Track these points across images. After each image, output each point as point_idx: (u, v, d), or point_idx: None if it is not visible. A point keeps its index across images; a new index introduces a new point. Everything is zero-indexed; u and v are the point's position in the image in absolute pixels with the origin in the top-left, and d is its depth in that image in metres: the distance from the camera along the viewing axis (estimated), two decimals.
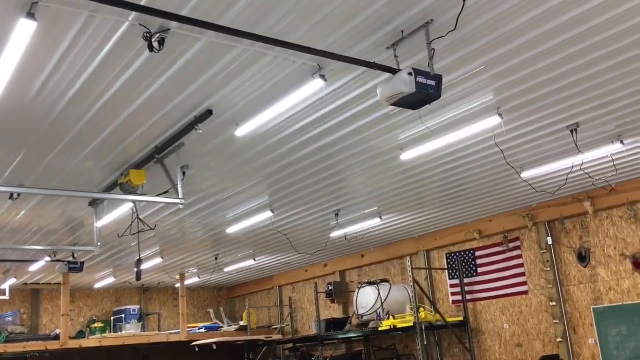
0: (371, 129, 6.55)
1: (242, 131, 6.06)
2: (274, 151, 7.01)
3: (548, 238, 10.62)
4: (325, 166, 7.77)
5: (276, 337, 14.29)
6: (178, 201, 6.42)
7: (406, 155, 7.29)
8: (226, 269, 15.19)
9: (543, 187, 9.06)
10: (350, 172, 8.11)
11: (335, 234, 11.67)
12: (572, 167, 8.01)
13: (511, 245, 11.33)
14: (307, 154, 7.23)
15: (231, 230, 10.58)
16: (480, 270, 11.89)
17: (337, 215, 10.25)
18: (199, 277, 16.13)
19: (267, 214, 9.63)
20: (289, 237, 11.20)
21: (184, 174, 7.24)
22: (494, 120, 6.28)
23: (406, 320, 11.10)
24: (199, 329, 16.49)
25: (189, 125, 5.87)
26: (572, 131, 6.88)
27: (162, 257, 12.86)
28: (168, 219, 9.81)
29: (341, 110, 6.03)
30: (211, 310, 18.13)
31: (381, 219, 10.79)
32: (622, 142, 7.36)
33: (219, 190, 8.47)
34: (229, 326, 17.11)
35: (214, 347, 13.20)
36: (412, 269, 10.95)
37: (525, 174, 8.41)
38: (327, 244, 12.58)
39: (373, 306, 12.11)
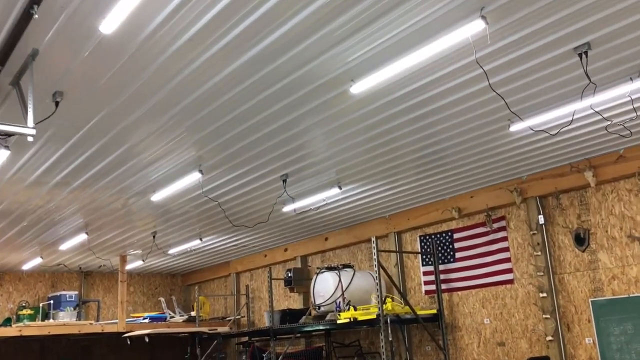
0: (305, 38, 4.68)
1: (109, 26, 4.16)
2: (179, 71, 5.10)
3: (539, 216, 8.84)
4: (255, 105, 5.90)
5: (222, 329, 12.43)
6: (26, 131, 4.52)
7: (358, 87, 5.44)
8: (171, 251, 13.30)
9: (542, 130, 7.24)
10: (291, 117, 6.25)
11: (287, 209, 9.84)
12: (574, 113, 6.21)
13: (495, 225, 9.56)
14: (228, 79, 5.34)
15: (157, 197, 8.68)
16: (458, 255, 10.12)
17: (284, 181, 8.40)
18: (143, 260, 14.21)
19: (194, 175, 7.74)
20: (224, 205, 9.29)
21: (56, 104, 5.36)
22: (476, 26, 4.45)
23: (369, 312, 9.30)
24: (143, 319, 14.61)
25: (26, 10, 3.97)
26: (580, 55, 5.08)
27: (87, 233, 10.93)
28: (72, 179, 7.88)
29: (251, 2, 4.16)
30: (162, 299, 16.23)
31: (340, 188, 8.96)
32: None
33: (124, 137, 6.56)
34: (180, 316, 15.26)
35: (146, 340, 11.31)
36: (378, 250, 9.14)
37: (517, 126, 6.61)
38: (276, 217, 10.74)
39: (332, 295, 10.31)
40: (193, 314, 14.81)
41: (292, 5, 4.24)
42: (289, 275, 12.80)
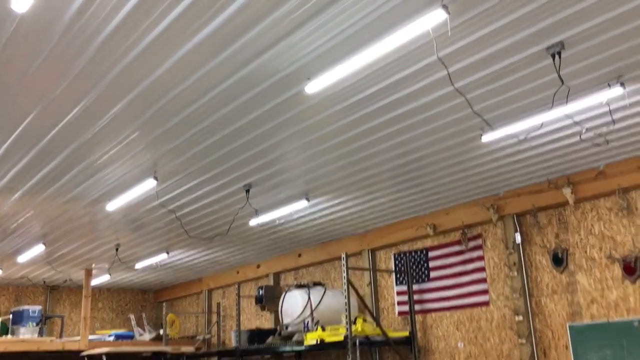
0: (251, 26, 4.26)
1: (22, 2, 3.72)
2: (117, 60, 4.66)
3: (516, 235, 8.42)
4: (206, 104, 5.46)
5: (186, 349, 11.85)
6: None
7: (314, 86, 5.01)
8: (138, 265, 12.73)
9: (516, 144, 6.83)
10: (247, 119, 5.82)
11: (254, 222, 9.35)
12: (541, 124, 5.82)
13: (471, 243, 9.12)
14: (173, 72, 4.92)
15: (112, 206, 8.17)
16: (433, 274, 9.65)
17: (248, 191, 7.93)
18: (109, 274, 13.62)
19: (149, 183, 7.27)
20: (185, 218, 8.78)
21: None
22: (437, 17, 4.04)
23: (337, 333, 8.80)
24: (109, 337, 13.96)
25: None
26: (553, 55, 4.69)
27: (45, 244, 10.38)
28: (18, 184, 7.36)
29: None
30: (132, 316, 15.59)
31: (308, 200, 8.51)
32: (622, 84, 5.19)
33: (67, 137, 6.09)
34: (149, 334, 14.62)
35: (104, 359, 10.72)
36: (347, 268, 8.67)
37: (489, 136, 6.20)
38: (245, 232, 10.27)
39: (300, 314, 9.81)
40: (162, 332, 14.21)
41: None
42: (260, 293, 12.26)
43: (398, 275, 10.22)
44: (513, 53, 4.71)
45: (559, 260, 7.98)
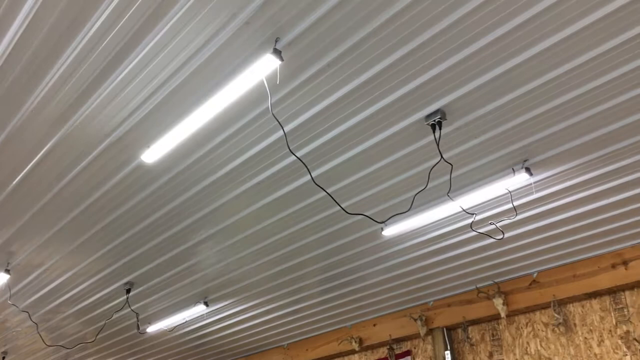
0: (43, 70, 3.43)
1: None
2: None
3: (446, 353, 7.24)
4: (37, 171, 4.53)
5: None
6: None
7: (151, 156, 4.10)
8: None
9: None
10: (93, 196, 4.83)
11: (153, 328, 8.10)
12: (438, 221, 4.89)
13: None
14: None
15: None
16: None
17: (128, 291, 6.79)
18: None
19: (1, 277, 6.12)
20: (36, 318, 7.44)
21: None
22: (268, 64, 3.23)
23: None
24: None
25: None
26: (433, 125, 3.85)
27: None
28: None
29: None
30: None
31: (207, 305, 7.35)
32: (528, 170, 4.33)
33: None
34: None
35: None
36: None
37: (390, 230, 5.25)
38: (149, 341, 8.93)
39: None
40: None
41: None
42: None
43: None
44: (387, 124, 3.86)
45: None
